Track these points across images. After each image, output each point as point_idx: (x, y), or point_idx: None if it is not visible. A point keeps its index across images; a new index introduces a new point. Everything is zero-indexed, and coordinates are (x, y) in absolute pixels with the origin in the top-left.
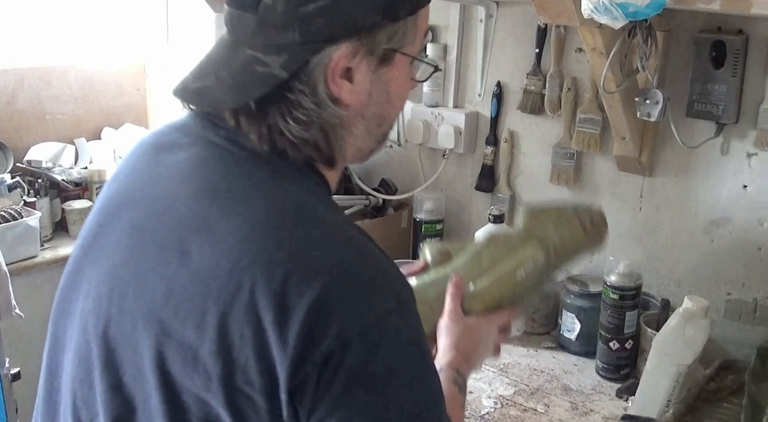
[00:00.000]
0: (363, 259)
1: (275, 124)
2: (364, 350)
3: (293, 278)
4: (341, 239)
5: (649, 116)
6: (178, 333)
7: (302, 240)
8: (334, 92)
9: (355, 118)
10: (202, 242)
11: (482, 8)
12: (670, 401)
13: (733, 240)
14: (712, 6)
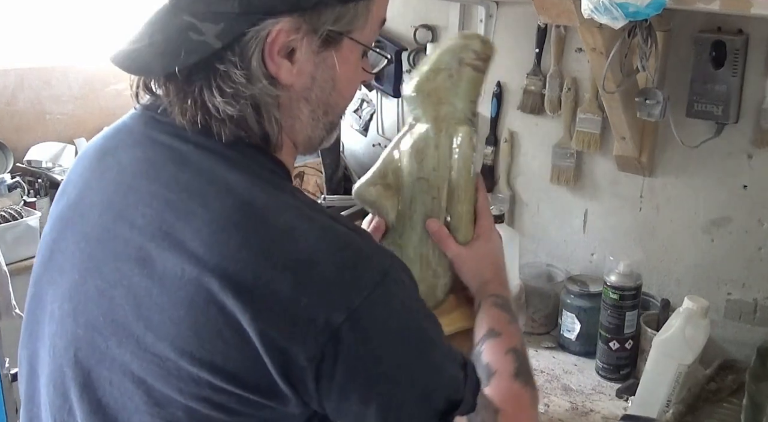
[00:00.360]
0: (332, 243)
1: (199, 95)
2: (354, 335)
3: (264, 276)
4: (305, 227)
5: (649, 116)
6: (154, 346)
7: (265, 235)
8: (271, 70)
9: (299, 101)
10: (162, 249)
11: (482, 8)
12: (670, 401)
13: (733, 240)
14: (712, 6)
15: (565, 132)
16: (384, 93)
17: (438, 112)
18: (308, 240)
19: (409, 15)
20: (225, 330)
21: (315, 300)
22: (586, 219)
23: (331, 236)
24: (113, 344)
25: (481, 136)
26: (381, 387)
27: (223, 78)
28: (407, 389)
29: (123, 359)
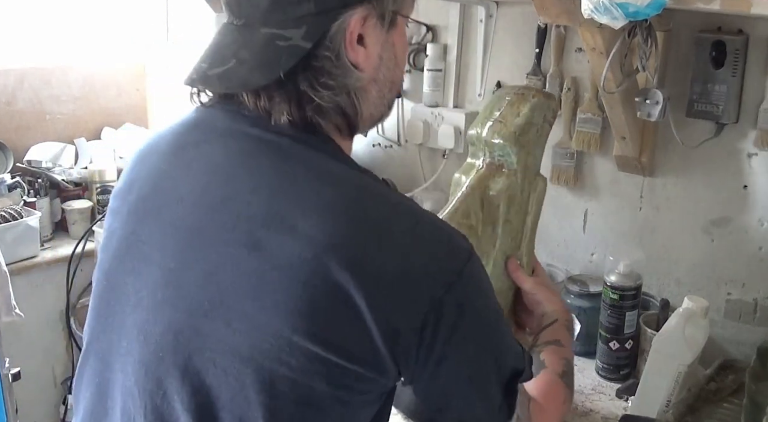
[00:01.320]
0: (425, 223)
1: (305, 93)
2: (455, 307)
3: (375, 255)
4: (402, 209)
5: (649, 116)
6: (268, 325)
7: (372, 217)
8: (351, 58)
9: (370, 83)
10: (274, 233)
11: (482, 8)
12: (670, 401)
13: (733, 240)
14: (712, 6)
15: (565, 132)
16: None
17: (527, 162)
18: (407, 222)
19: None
20: (339, 306)
21: (419, 275)
22: (586, 219)
23: (421, 216)
24: (221, 325)
25: None
26: (472, 356)
27: (323, 73)
28: (490, 358)
29: (232, 339)
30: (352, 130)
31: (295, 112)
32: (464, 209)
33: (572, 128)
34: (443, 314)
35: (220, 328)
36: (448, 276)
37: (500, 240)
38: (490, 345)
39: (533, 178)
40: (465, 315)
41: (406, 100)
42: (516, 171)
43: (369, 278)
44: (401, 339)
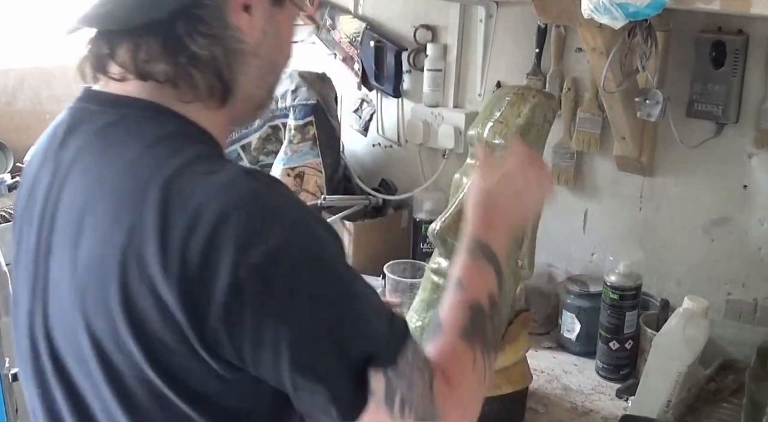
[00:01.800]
0: (239, 199)
1: (182, 39)
2: (259, 284)
3: (173, 243)
4: (229, 183)
5: (649, 116)
6: (96, 318)
7: (173, 201)
8: (234, 21)
9: (250, 55)
10: (90, 223)
11: (482, 8)
12: (670, 401)
13: (733, 240)
14: (712, 6)
15: (565, 132)
16: (384, 93)
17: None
18: (213, 200)
19: (409, 15)
20: (147, 300)
21: (221, 257)
22: (586, 219)
23: (237, 192)
24: (69, 319)
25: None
26: (288, 330)
27: (202, 23)
28: (319, 333)
29: (82, 333)
30: (224, 96)
31: (170, 61)
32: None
33: (572, 128)
34: (246, 292)
35: (74, 329)
36: (253, 255)
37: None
38: (320, 322)
39: None
40: (276, 292)
41: (406, 100)
42: None
43: (169, 268)
44: (208, 328)
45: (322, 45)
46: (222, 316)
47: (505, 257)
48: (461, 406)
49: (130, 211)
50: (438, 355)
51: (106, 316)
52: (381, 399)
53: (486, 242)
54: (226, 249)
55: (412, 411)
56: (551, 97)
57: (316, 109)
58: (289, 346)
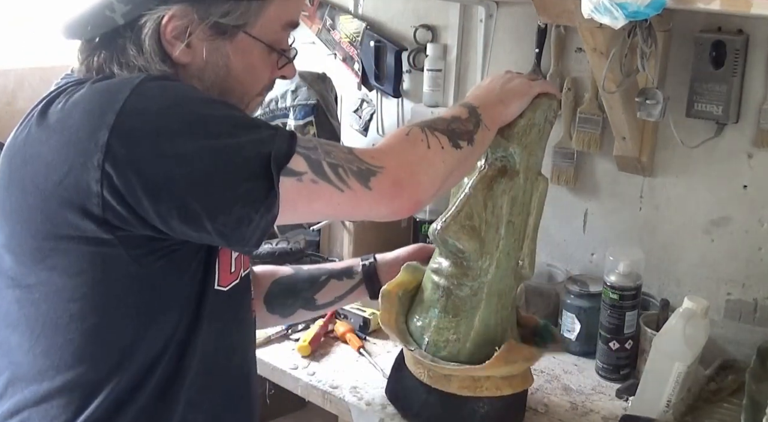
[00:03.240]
0: (86, 94)
1: (104, 62)
2: (123, 140)
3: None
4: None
5: (649, 116)
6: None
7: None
8: (167, 49)
9: (191, 78)
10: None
11: (482, 8)
12: (670, 401)
13: (733, 240)
14: (712, 6)
15: (565, 132)
16: (384, 93)
17: (528, 162)
18: (72, 103)
19: (409, 15)
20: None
21: (82, 136)
22: (586, 219)
23: (88, 91)
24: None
25: None
26: (179, 175)
27: (121, 51)
28: (201, 162)
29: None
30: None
31: (120, 68)
32: (467, 211)
33: (572, 128)
34: (118, 151)
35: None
36: (108, 120)
37: (503, 240)
38: (197, 152)
39: (535, 178)
40: (146, 141)
41: (406, 100)
42: (518, 171)
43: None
44: (92, 200)
45: (322, 45)
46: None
47: (493, 117)
48: (396, 155)
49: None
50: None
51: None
52: (312, 176)
53: (466, 101)
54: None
55: (347, 171)
56: (553, 97)
57: (316, 109)
58: (185, 184)
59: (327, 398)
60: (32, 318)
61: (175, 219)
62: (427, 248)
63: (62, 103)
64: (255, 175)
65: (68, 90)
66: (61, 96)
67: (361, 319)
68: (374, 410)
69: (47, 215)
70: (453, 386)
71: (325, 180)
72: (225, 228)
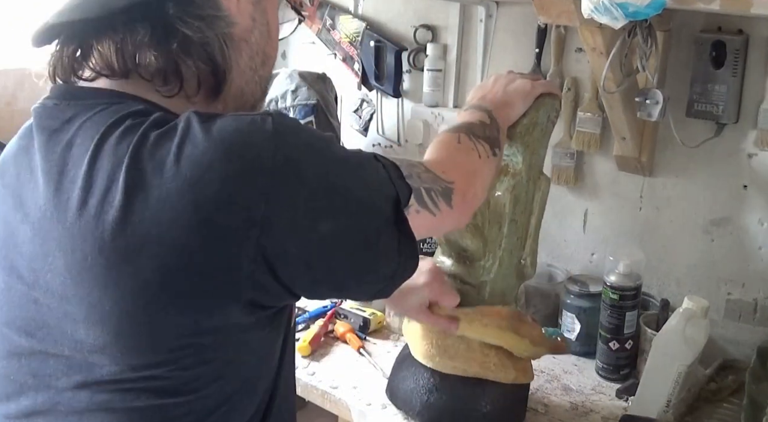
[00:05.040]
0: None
1: (173, 21)
2: (280, 206)
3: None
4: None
5: (649, 116)
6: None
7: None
8: (224, 3)
9: (242, 42)
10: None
11: (482, 8)
12: (670, 401)
13: (733, 240)
14: (712, 6)
15: (565, 132)
16: (384, 93)
17: (531, 162)
18: (186, 158)
19: (409, 15)
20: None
21: (226, 207)
22: (586, 219)
23: (208, 144)
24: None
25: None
26: (332, 239)
27: (196, 5)
28: (351, 219)
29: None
30: (216, 86)
31: (161, 48)
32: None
33: (572, 128)
34: (273, 223)
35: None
36: (259, 186)
37: (506, 239)
38: (347, 206)
39: (537, 177)
40: (298, 204)
41: (406, 100)
42: (521, 171)
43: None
44: (244, 278)
45: (322, 45)
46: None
47: (502, 115)
48: (459, 167)
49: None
50: (427, 150)
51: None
52: (417, 206)
53: (476, 103)
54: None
55: (437, 194)
56: (555, 97)
57: (316, 109)
58: (339, 250)
59: (327, 398)
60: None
61: (322, 287)
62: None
63: (166, 163)
64: (389, 225)
65: (150, 139)
66: (148, 151)
67: (361, 319)
68: (374, 410)
69: (178, 308)
70: (459, 360)
71: (425, 207)
72: (369, 286)
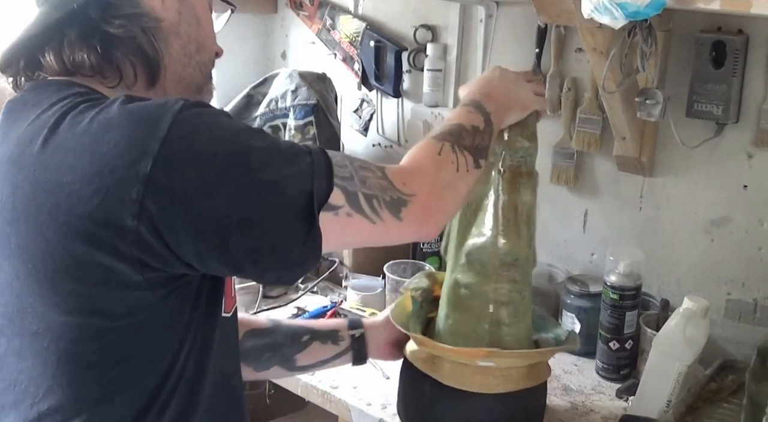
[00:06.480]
0: (118, 114)
1: (97, 23)
2: (167, 175)
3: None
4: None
5: (649, 116)
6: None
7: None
8: (146, 3)
9: (171, 35)
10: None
11: (482, 8)
12: (670, 401)
13: (733, 240)
14: (712, 6)
15: (565, 132)
16: (384, 93)
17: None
18: (101, 126)
19: (409, 15)
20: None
21: (119, 164)
22: (586, 219)
23: (114, 110)
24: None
25: None
26: (222, 213)
27: (115, 7)
28: (248, 209)
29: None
30: (151, 76)
31: (90, 45)
32: (506, 217)
33: (572, 128)
34: (160, 187)
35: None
36: (150, 149)
37: (531, 237)
38: (241, 190)
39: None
40: (189, 175)
41: (406, 100)
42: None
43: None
44: (127, 234)
45: (322, 45)
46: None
47: (498, 120)
48: (428, 181)
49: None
50: (411, 153)
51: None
52: (348, 209)
53: (478, 100)
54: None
55: (381, 202)
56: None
57: (316, 109)
58: (230, 223)
59: (327, 398)
60: (37, 373)
61: (214, 260)
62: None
63: (81, 123)
64: (296, 215)
65: (79, 108)
66: (73, 114)
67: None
68: (374, 410)
69: (69, 252)
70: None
71: (360, 213)
72: (266, 271)
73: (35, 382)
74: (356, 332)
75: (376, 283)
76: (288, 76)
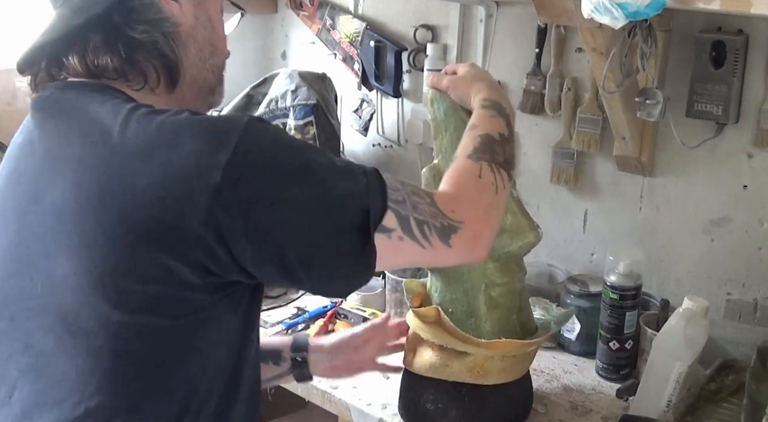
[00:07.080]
0: (185, 123)
1: (120, 27)
2: (235, 187)
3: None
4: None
5: (649, 116)
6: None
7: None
8: (166, 9)
9: (188, 39)
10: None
11: (482, 8)
12: (670, 401)
13: (733, 240)
14: (712, 6)
15: (565, 132)
16: (384, 93)
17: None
18: (171, 132)
19: (409, 15)
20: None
21: (189, 173)
22: (586, 219)
23: (183, 120)
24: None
25: None
26: (283, 222)
27: (134, 11)
28: (307, 220)
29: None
30: (172, 79)
31: (114, 50)
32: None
33: (572, 128)
34: (229, 198)
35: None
36: (220, 160)
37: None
38: (304, 206)
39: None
40: (256, 188)
41: (406, 100)
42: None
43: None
44: (193, 242)
45: (322, 45)
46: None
47: (513, 118)
48: (474, 206)
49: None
50: (449, 174)
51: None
52: (400, 233)
53: (497, 100)
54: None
55: (432, 228)
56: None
57: (316, 109)
58: (291, 237)
59: (327, 398)
60: (88, 370)
61: (268, 266)
62: (381, 329)
63: (149, 128)
64: (353, 231)
65: (140, 111)
66: (136, 119)
67: (361, 319)
68: (374, 410)
69: (133, 254)
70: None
71: (411, 237)
72: (319, 282)
73: (85, 380)
74: (298, 355)
75: (376, 283)
76: (288, 76)
